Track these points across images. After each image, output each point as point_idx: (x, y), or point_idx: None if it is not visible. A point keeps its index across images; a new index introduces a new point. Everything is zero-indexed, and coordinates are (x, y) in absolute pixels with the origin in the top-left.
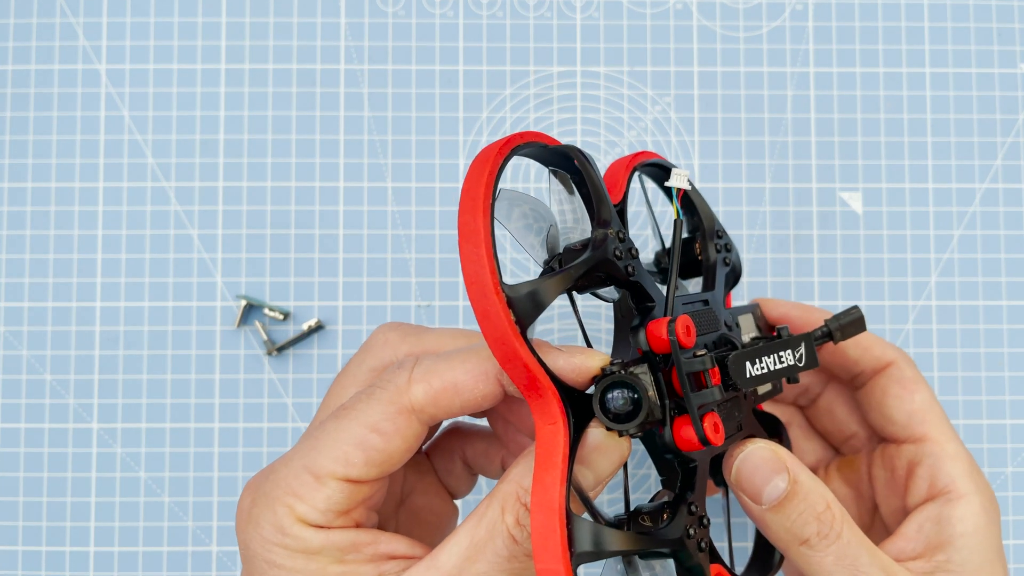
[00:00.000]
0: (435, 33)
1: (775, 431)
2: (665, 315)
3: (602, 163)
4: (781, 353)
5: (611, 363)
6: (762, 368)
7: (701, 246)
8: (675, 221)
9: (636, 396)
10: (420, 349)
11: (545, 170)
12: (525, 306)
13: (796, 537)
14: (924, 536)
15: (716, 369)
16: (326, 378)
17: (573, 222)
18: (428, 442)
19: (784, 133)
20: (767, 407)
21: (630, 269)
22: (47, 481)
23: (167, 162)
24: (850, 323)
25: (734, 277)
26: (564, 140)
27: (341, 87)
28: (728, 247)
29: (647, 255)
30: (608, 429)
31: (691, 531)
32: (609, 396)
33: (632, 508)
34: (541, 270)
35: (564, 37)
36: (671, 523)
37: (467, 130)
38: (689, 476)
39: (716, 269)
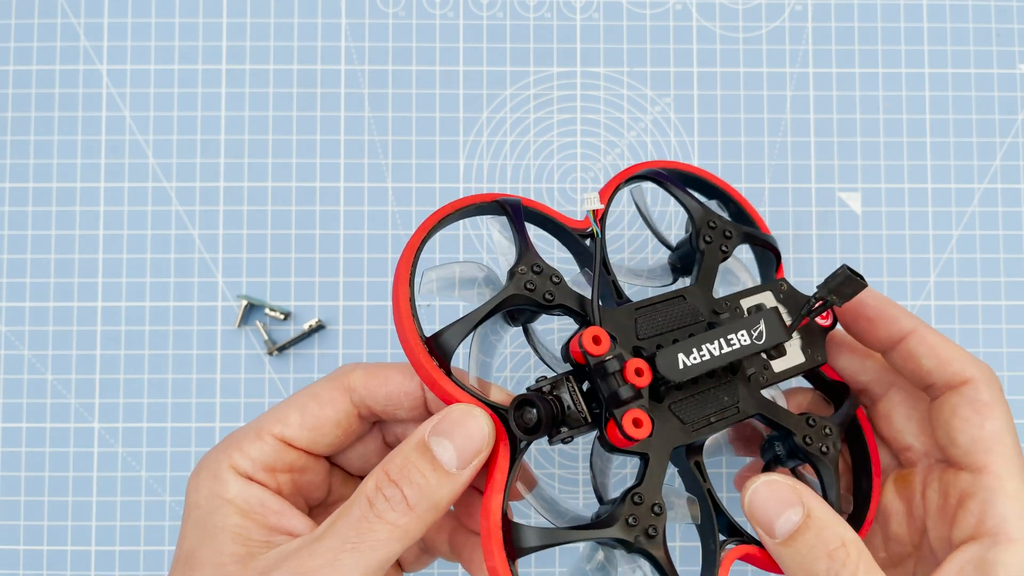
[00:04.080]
0: (435, 34)
1: (840, 399)
2: (593, 323)
3: (602, 163)
4: (729, 336)
5: (537, 381)
6: (703, 355)
7: (693, 240)
8: (592, 240)
9: (535, 410)
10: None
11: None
12: (441, 348)
13: (808, 573)
14: None
15: (642, 366)
16: None
17: (506, 264)
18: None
19: (783, 133)
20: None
21: (548, 296)
22: (48, 480)
23: (168, 162)
24: (841, 284)
25: (775, 255)
26: (564, 140)
27: (342, 87)
28: (728, 234)
29: (662, 256)
30: (522, 440)
31: (630, 519)
32: (517, 413)
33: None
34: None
35: (564, 38)
36: (609, 513)
37: (467, 130)
38: (642, 468)
39: (704, 260)
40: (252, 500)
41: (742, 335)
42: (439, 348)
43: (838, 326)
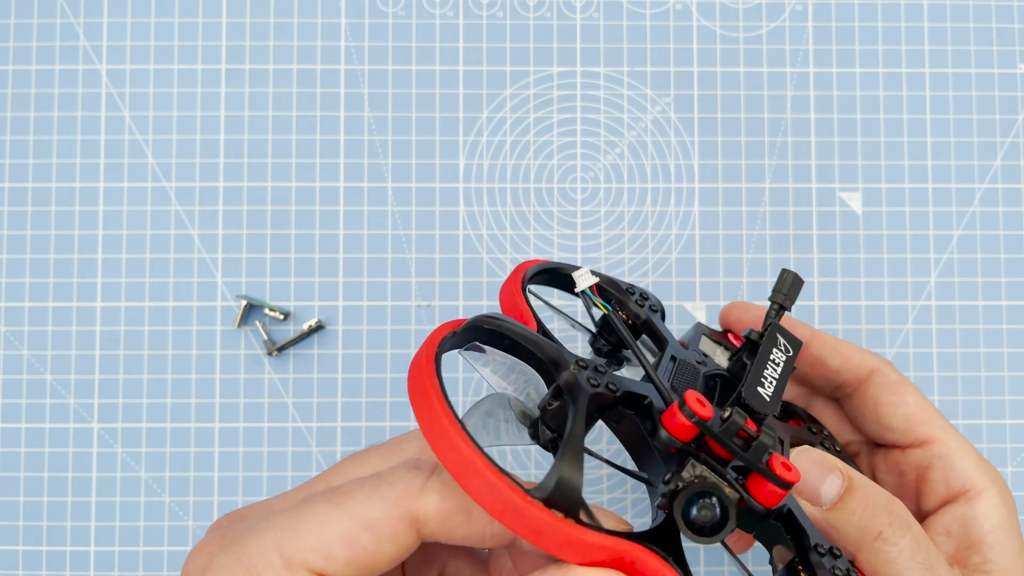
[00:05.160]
0: (435, 33)
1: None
2: (667, 403)
3: (602, 163)
4: (771, 357)
5: (669, 478)
6: (771, 382)
7: (627, 313)
8: (607, 316)
9: (714, 498)
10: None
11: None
12: (567, 497)
13: (868, 532)
14: (954, 540)
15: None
16: (326, 378)
17: (525, 382)
18: None
19: (784, 133)
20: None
21: (611, 387)
22: (48, 481)
23: (167, 162)
24: (791, 287)
25: (662, 315)
26: (564, 140)
27: (341, 87)
28: (644, 295)
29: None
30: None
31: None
32: (695, 513)
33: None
34: (543, 447)
35: (564, 37)
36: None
37: (467, 130)
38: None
39: (654, 323)
40: None
41: (777, 353)
42: (563, 500)
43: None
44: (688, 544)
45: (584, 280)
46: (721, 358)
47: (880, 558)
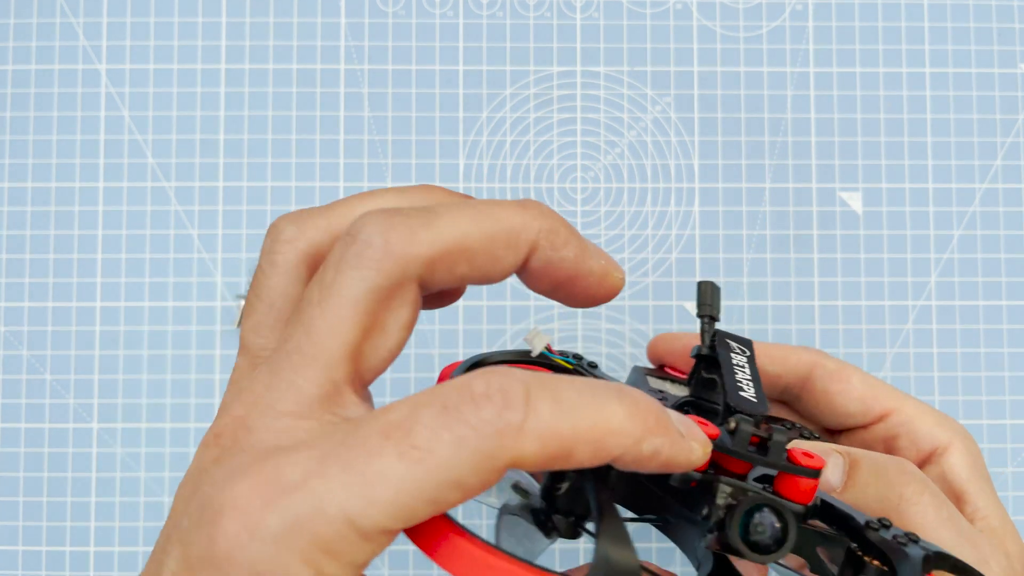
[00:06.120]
0: (435, 33)
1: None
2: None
3: (602, 163)
4: (734, 361)
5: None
6: (748, 383)
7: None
8: (578, 363)
9: (770, 510)
10: (440, 249)
11: None
12: (622, 570)
13: (889, 499)
14: None
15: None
16: None
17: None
18: None
19: (784, 133)
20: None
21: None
22: (47, 481)
23: (167, 162)
24: (713, 297)
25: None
26: (564, 140)
27: (341, 87)
28: (576, 355)
29: None
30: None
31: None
32: (748, 532)
33: None
34: (565, 536)
35: (564, 37)
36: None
37: (467, 130)
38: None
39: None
40: None
41: (736, 356)
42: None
43: None
44: None
45: (539, 343)
46: (676, 389)
47: (908, 522)
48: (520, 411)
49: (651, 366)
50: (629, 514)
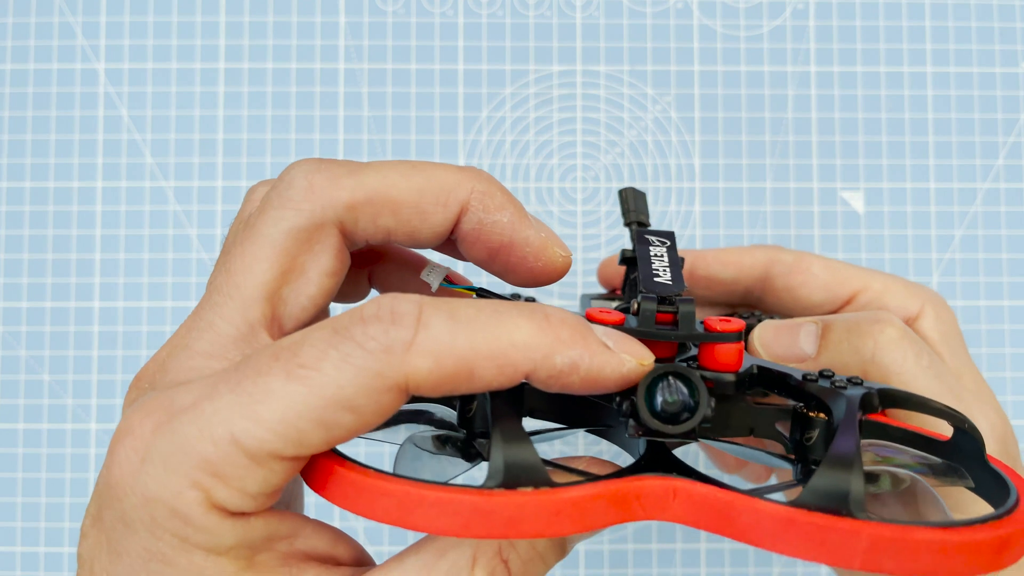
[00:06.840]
0: (434, 32)
1: None
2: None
3: (602, 162)
4: (651, 252)
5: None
6: (664, 269)
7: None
8: (481, 291)
9: (676, 378)
10: (362, 195)
11: None
12: (523, 468)
13: (863, 351)
14: None
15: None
16: None
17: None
18: None
19: (785, 132)
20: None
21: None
22: (45, 482)
23: (166, 162)
24: (636, 202)
25: None
26: (564, 139)
27: (340, 86)
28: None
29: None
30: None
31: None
32: (656, 403)
33: None
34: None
35: (564, 36)
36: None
37: (467, 129)
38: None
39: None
40: (256, 537)
41: (653, 248)
42: (524, 472)
43: None
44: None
45: (435, 276)
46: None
47: (885, 373)
48: (410, 328)
49: (604, 291)
50: (556, 426)
